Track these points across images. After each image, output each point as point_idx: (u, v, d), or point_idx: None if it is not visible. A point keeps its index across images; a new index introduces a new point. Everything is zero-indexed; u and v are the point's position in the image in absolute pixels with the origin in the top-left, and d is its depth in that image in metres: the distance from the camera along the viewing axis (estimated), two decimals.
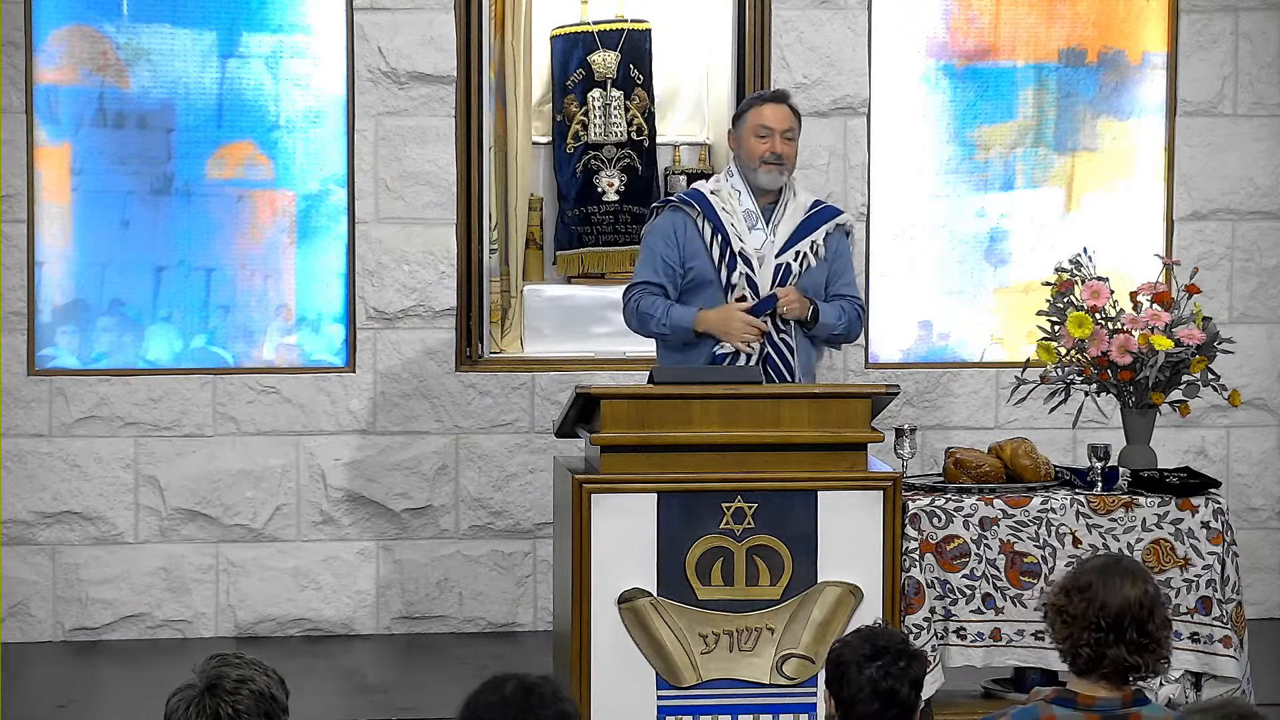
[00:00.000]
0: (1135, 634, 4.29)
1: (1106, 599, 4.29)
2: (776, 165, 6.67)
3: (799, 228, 6.73)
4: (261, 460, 8.25)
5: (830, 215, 6.80)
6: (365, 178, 8.27)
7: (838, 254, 6.79)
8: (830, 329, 6.72)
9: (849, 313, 6.76)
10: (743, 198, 6.70)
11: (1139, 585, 4.31)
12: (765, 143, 6.66)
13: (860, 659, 4.26)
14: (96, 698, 7.51)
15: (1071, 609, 4.32)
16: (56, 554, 8.20)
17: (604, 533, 6.07)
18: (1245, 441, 8.74)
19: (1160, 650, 4.32)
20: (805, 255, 6.70)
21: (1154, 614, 4.31)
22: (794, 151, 6.73)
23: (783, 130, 6.67)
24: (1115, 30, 8.64)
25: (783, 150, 6.67)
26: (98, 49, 8.14)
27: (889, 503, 6.17)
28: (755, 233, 6.68)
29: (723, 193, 6.72)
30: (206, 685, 3.78)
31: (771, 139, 6.66)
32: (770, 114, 6.70)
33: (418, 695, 7.42)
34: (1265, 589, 8.73)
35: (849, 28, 8.45)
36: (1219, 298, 8.60)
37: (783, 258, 6.68)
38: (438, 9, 8.26)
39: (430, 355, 8.29)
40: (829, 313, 6.71)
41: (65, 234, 8.17)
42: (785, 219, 6.72)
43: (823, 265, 6.74)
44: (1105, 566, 4.37)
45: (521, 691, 3.58)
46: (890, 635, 4.35)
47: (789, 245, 6.70)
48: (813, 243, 6.72)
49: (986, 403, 8.59)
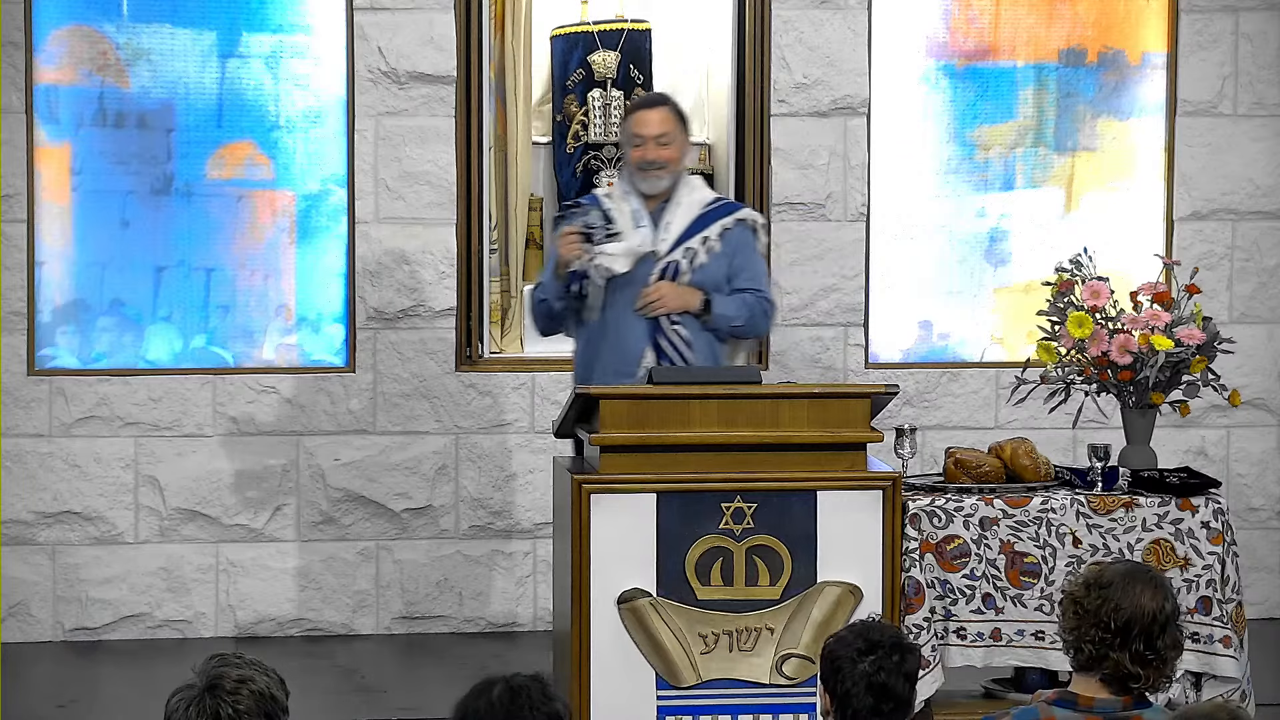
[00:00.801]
0: (1141, 645, 4.26)
1: (1121, 602, 4.27)
2: (653, 170, 6.67)
3: (691, 225, 6.70)
4: (261, 460, 8.25)
5: (728, 211, 6.79)
6: (365, 178, 8.27)
7: (739, 249, 6.74)
8: (729, 320, 6.67)
9: (752, 306, 6.70)
10: (631, 199, 6.72)
11: (1158, 599, 4.28)
12: (639, 150, 6.68)
13: (854, 654, 4.26)
14: (96, 698, 7.51)
15: (1087, 603, 4.29)
16: (56, 554, 8.20)
17: (604, 533, 6.07)
18: (1245, 441, 8.75)
19: (1163, 669, 4.28)
20: (695, 251, 6.68)
21: (1165, 631, 4.28)
22: (675, 153, 6.70)
23: (655, 136, 6.66)
24: (1115, 30, 8.64)
25: (655, 155, 6.66)
26: (98, 49, 8.14)
27: (889, 503, 6.17)
28: (640, 230, 6.68)
29: (614, 195, 6.76)
30: (207, 685, 3.78)
31: (644, 146, 6.67)
32: (643, 121, 6.70)
33: (418, 695, 7.42)
34: (1265, 589, 8.73)
35: (849, 28, 8.45)
36: (1219, 298, 8.60)
37: (672, 255, 6.67)
38: (438, 9, 8.26)
39: (430, 355, 8.29)
40: (726, 305, 6.65)
41: (65, 234, 8.17)
42: (678, 218, 6.70)
43: (719, 260, 6.69)
44: (1132, 571, 4.34)
45: (509, 694, 3.57)
46: (884, 629, 4.34)
47: (679, 243, 6.68)
48: (704, 239, 6.69)
49: (986, 403, 8.59)
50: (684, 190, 6.75)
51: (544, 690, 3.58)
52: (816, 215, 8.49)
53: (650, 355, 6.60)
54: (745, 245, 6.76)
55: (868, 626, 4.35)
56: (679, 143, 6.73)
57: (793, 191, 8.46)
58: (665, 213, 6.70)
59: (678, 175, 6.73)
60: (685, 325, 6.64)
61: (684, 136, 6.77)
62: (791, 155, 8.45)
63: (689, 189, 6.77)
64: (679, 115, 6.78)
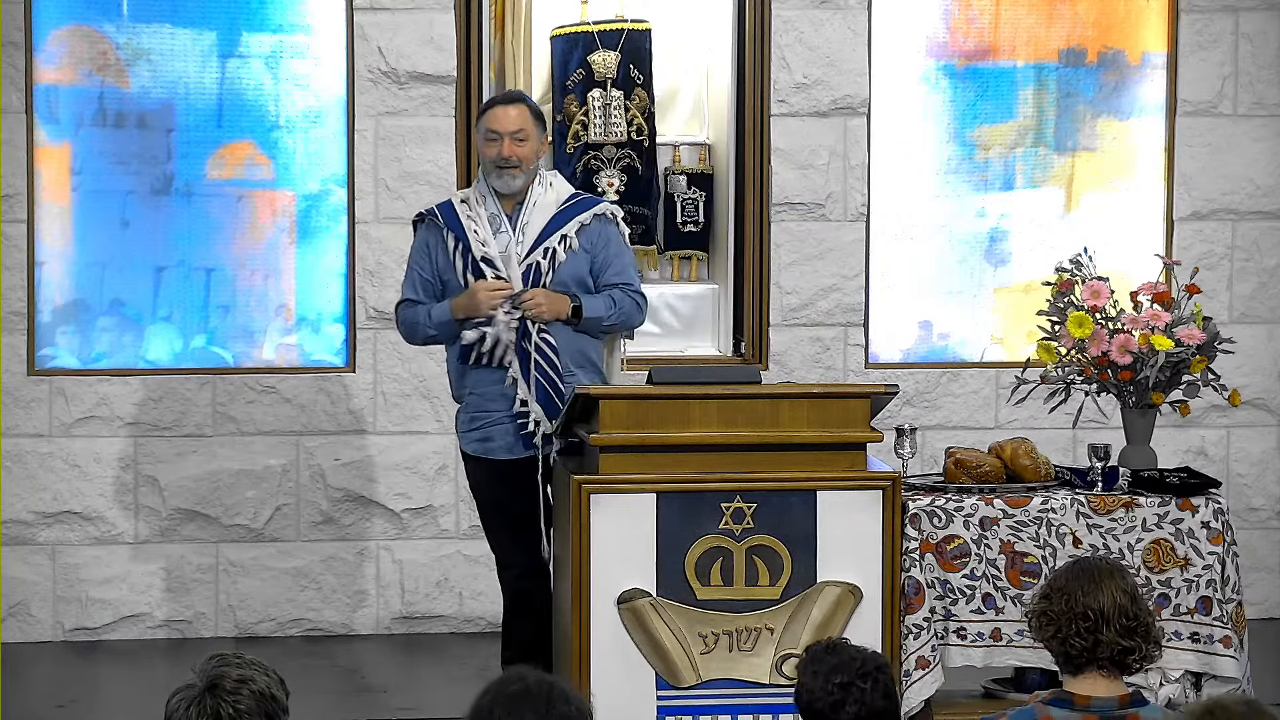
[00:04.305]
0: (1124, 620, 4.36)
1: (1087, 591, 4.38)
2: (508, 169, 6.59)
3: (549, 224, 6.63)
4: (261, 460, 8.26)
5: (586, 206, 6.69)
6: (365, 178, 8.27)
7: (603, 244, 6.66)
8: (600, 321, 6.61)
9: (621, 302, 6.63)
10: (488, 202, 6.64)
11: (1115, 577, 4.40)
12: (494, 146, 6.59)
13: (833, 703, 4.21)
14: (96, 698, 7.51)
15: (1054, 609, 4.38)
16: (56, 554, 8.20)
17: (604, 533, 6.07)
18: (1245, 441, 8.75)
19: (1150, 633, 4.39)
20: (554, 251, 6.61)
21: (1135, 599, 4.40)
22: (530, 151, 6.61)
23: (512, 132, 6.58)
24: (1115, 30, 8.64)
25: (511, 153, 6.57)
26: (98, 49, 8.14)
27: (889, 502, 6.17)
28: (501, 236, 6.61)
29: (471, 200, 6.67)
30: (207, 685, 3.78)
31: (500, 142, 6.58)
32: (499, 118, 6.61)
33: (418, 695, 7.42)
34: (1265, 589, 8.73)
35: (849, 28, 8.45)
36: (1219, 298, 8.61)
37: (531, 257, 6.59)
38: (438, 9, 8.26)
39: (430, 355, 8.29)
40: (595, 305, 6.59)
41: (65, 234, 8.17)
42: (535, 218, 6.63)
43: (580, 257, 6.62)
44: (1076, 566, 4.48)
45: (545, 684, 3.59)
46: (845, 662, 4.25)
47: (538, 244, 6.61)
48: (563, 237, 6.61)
49: (986, 403, 8.60)
50: (539, 189, 6.65)
51: (567, 689, 3.62)
52: (816, 215, 8.49)
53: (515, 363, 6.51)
54: (607, 240, 6.68)
55: (831, 666, 4.24)
56: (534, 140, 6.62)
57: (793, 191, 8.46)
58: (521, 213, 6.62)
59: (531, 174, 6.64)
60: (549, 330, 6.53)
61: (539, 135, 6.67)
62: (791, 155, 8.46)
63: (543, 187, 6.68)
64: (536, 113, 6.69)
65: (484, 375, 6.57)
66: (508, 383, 6.50)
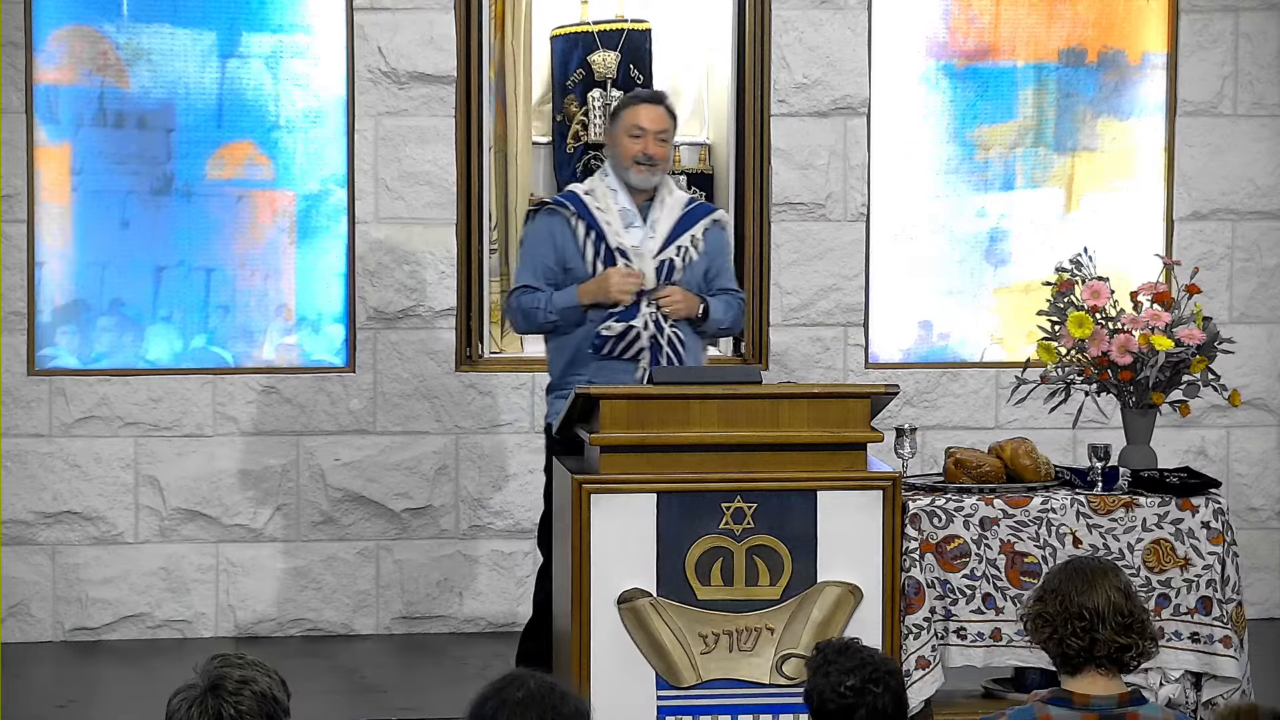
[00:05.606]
0: (1120, 617, 4.39)
1: (1081, 591, 4.42)
2: (648, 165, 6.71)
3: (677, 224, 6.78)
4: (261, 460, 8.26)
5: (706, 211, 6.89)
6: (365, 178, 8.27)
7: (718, 249, 6.87)
8: (719, 324, 6.81)
9: (734, 307, 6.84)
10: (619, 196, 6.75)
11: (1107, 575, 4.44)
12: (638, 143, 6.71)
13: (844, 706, 4.21)
14: (96, 698, 7.51)
15: (1049, 610, 4.41)
16: (56, 554, 8.20)
17: (604, 533, 6.07)
18: (1245, 441, 8.75)
19: (1146, 630, 4.43)
20: (686, 250, 6.75)
21: (1130, 597, 4.43)
22: (667, 153, 6.78)
23: (656, 131, 6.72)
24: (1115, 30, 8.64)
25: (654, 151, 6.71)
26: (98, 49, 8.14)
27: (889, 502, 6.17)
28: (633, 230, 6.74)
29: (597, 192, 6.78)
30: (209, 685, 3.78)
31: (644, 139, 6.70)
32: (645, 115, 6.74)
33: (418, 695, 7.42)
34: (1265, 589, 8.73)
35: (849, 28, 8.45)
36: (1219, 298, 8.61)
37: (664, 253, 6.73)
38: (438, 9, 8.26)
39: (430, 355, 8.29)
40: (718, 308, 6.78)
41: (65, 234, 8.17)
42: (664, 216, 6.77)
43: (702, 260, 6.80)
44: (1069, 567, 4.51)
45: (546, 686, 3.59)
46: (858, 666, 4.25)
47: (669, 241, 6.75)
48: (692, 237, 6.78)
49: (986, 403, 8.60)
50: (665, 190, 6.83)
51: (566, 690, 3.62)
52: (816, 215, 8.49)
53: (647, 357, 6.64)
54: (722, 246, 6.92)
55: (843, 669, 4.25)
56: (670, 142, 6.82)
57: (793, 191, 8.47)
58: (652, 211, 6.76)
59: (664, 174, 6.81)
60: (681, 326, 6.69)
61: (674, 137, 6.88)
62: (791, 155, 8.46)
63: (668, 189, 6.86)
64: (673, 115, 6.87)
65: (612, 366, 6.66)
66: (638, 374, 6.60)
